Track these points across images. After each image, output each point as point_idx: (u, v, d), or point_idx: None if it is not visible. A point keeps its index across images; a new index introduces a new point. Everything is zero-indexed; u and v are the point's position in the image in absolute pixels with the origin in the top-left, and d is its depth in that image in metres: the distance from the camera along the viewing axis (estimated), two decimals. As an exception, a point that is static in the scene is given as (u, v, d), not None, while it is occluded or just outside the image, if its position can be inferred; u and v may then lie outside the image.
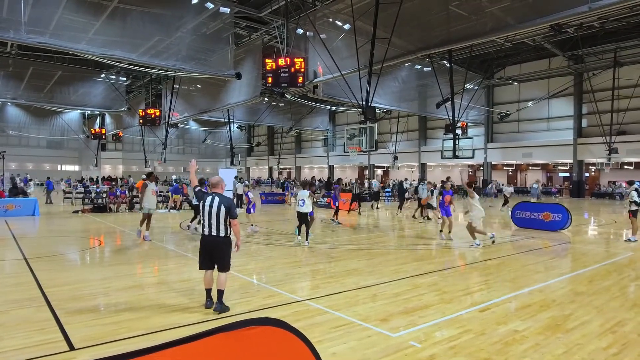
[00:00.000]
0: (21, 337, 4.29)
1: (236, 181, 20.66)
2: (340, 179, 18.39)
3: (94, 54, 16.66)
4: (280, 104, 37.08)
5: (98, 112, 40.36)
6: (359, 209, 18.97)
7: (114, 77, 29.28)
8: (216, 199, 5.23)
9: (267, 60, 17.07)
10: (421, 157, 40.95)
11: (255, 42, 22.52)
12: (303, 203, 9.71)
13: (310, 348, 2.50)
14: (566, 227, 13.05)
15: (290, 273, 7.33)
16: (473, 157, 27.23)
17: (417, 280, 6.86)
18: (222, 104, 26.40)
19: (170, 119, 29.49)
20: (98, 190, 24.45)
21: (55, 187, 26.12)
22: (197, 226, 13.18)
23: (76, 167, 53.79)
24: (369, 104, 15.78)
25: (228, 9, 16.98)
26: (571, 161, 32.17)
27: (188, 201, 19.42)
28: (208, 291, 5.34)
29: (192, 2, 16.17)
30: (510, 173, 40.03)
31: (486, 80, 31.65)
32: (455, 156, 22.87)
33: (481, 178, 38.56)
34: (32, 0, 14.24)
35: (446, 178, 13.12)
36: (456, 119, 22.97)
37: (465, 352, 4.04)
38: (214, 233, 5.19)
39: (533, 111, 33.05)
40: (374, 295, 5.98)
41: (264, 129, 57.17)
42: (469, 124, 33.53)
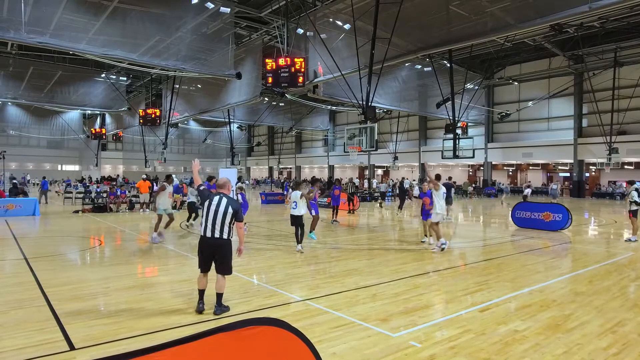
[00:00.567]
0: (21, 337, 4.29)
1: (239, 182, 20.69)
2: (338, 179, 18.34)
3: (95, 54, 16.69)
4: (280, 104, 37.11)
5: (98, 112, 40.43)
6: (353, 209, 18.95)
7: (114, 77, 29.32)
8: (224, 200, 5.04)
9: (268, 60, 17.08)
10: (421, 157, 40.95)
11: (255, 42, 22.54)
12: (296, 205, 9.27)
13: (310, 348, 2.50)
14: (566, 227, 13.04)
15: (290, 273, 7.33)
16: (473, 157, 27.25)
17: (417, 280, 6.86)
18: (223, 104, 26.43)
19: (170, 119, 29.51)
20: (98, 190, 24.47)
21: (50, 187, 26.09)
22: (193, 222, 13.17)
23: (76, 167, 53.84)
24: (369, 104, 15.78)
25: (228, 9, 16.99)
26: (571, 161, 32.17)
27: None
28: (201, 292, 5.11)
29: (193, 2, 16.19)
30: (510, 173, 40.03)
31: (486, 80, 31.64)
32: (455, 156, 22.87)
33: (481, 178, 38.58)
34: (33, 0, 14.26)
35: (422, 179, 12.81)
36: (456, 119, 22.98)
37: (465, 352, 4.03)
38: (217, 235, 4.96)
39: (533, 111, 33.04)
40: (374, 295, 5.97)
41: (264, 129, 57.19)
42: (469, 124, 33.55)
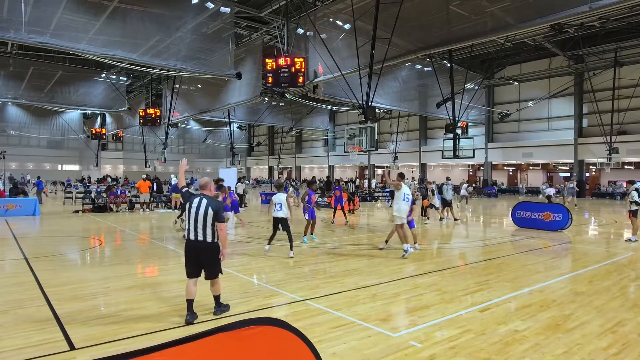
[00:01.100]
0: (21, 337, 4.29)
1: (239, 182, 20.72)
2: (338, 180, 18.28)
3: (95, 54, 16.69)
4: (280, 104, 37.10)
5: (98, 112, 40.41)
6: (354, 209, 18.94)
7: (115, 77, 29.31)
8: (204, 201, 4.84)
9: (268, 60, 17.08)
10: (421, 157, 40.95)
11: (255, 42, 22.53)
12: (280, 207, 8.89)
13: (310, 348, 2.50)
14: (566, 227, 13.04)
15: (290, 273, 7.33)
16: (473, 157, 27.25)
17: (417, 280, 6.86)
18: (223, 104, 26.42)
19: (170, 119, 29.50)
20: (98, 190, 24.47)
21: (44, 187, 26.01)
22: (178, 220, 13.04)
23: (76, 167, 53.85)
24: (369, 104, 15.78)
25: (228, 9, 16.98)
26: (572, 161, 32.15)
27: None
28: (189, 303, 4.82)
29: (193, 2, 16.18)
30: (510, 173, 40.03)
31: (486, 80, 31.64)
32: (455, 156, 22.88)
33: (481, 178, 38.58)
34: (33, 0, 14.26)
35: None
36: (456, 119, 22.97)
37: (465, 352, 4.04)
38: (200, 238, 4.79)
39: (533, 111, 33.03)
40: (374, 295, 5.97)
41: (264, 129, 57.19)
42: (470, 124, 33.54)
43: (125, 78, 30.54)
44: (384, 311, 5.24)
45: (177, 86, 27.79)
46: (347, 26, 17.28)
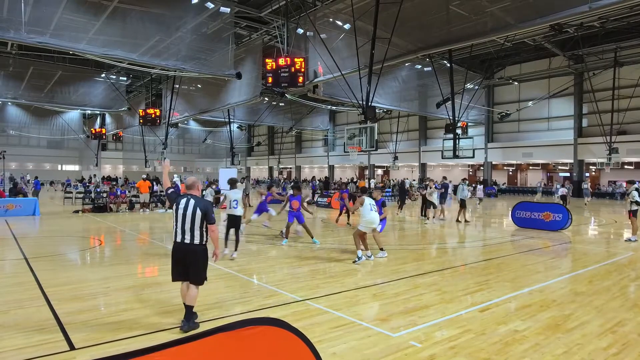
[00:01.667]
0: (21, 337, 4.29)
1: (247, 181, 20.75)
2: (345, 183, 17.89)
3: (95, 54, 16.68)
4: (280, 104, 37.09)
5: (98, 112, 40.41)
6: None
7: (114, 77, 29.30)
8: (191, 201, 4.63)
9: (268, 60, 17.07)
10: (421, 157, 40.95)
11: (255, 42, 22.53)
12: (237, 204, 8.53)
13: (310, 348, 2.50)
14: (566, 227, 13.04)
15: (290, 273, 7.33)
16: (473, 157, 27.23)
17: (417, 280, 6.86)
18: (223, 104, 26.42)
19: (170, 119, 29.50)
20: (98, 190, 24.46)
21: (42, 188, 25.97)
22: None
23: (76, 167, 53.83)
24: (369, 104, 15.78)
25: (228, 9, 16.98)
26: (571, 161, 32.16)
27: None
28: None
29: (192, 2, 16.18)
30: (510, 173, 40.03)
31: (486, 80, 31.64)
32: (455, 156, 22.87)
33: (481, 178, 38.58)
34: (33, 0, 14.25)
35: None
36: (456, 119, 22.97)
37: (465, 352, 4.04)
38: (187, 240, 4.59)
39: (533, 111, 33.03)
40: (374, 295, 5.97)
41: (264, 129, 57.18)
42: (469, 124, 33.53)
43: (125, 78, 30.53)
44: (384, 311, 5.24)
45: (177, 86, 27.79)
46: (347, 26, 17.28)
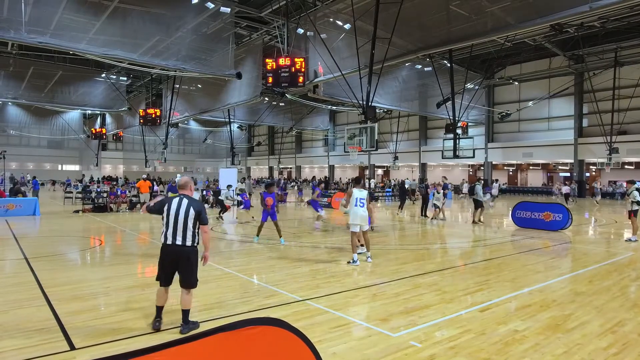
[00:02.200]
0: (21, 337, 4.29)
1: (248, 181, 20.74)
2: (349, 183, 17.44)
3: (95, 54, 16.70)
4: (280, 104, 37.11)
5: (98, 112, 40.44)
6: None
7: (115, 77, 29.32)
8: (184, 201, 4.46)
9: (268, 60, 17.08)
10: (422, 157, 40.95)
11: (255, 42, 22.54)
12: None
13: (310, 348, 2.50)
14: (566, 227, 13.04)
15: (290, 273, 7.33)
16: (474, 157, 27.25)
17: (417, 280, 6.86)
18: (223, 104, 26.44)
19: (170, 119, 29.51)
20: (98, 190, 24.45)
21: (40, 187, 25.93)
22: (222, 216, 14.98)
23: (77, 167, 53.84)
24: (370, 104, 15.78)
25: (228, 9, 16.99)
26: (572, 161, 32.16)
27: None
28: (159, 309, 4.56)
29: (193, 2, 16.19)
30: (510, 173, 40.03)
31: (487, 80, 31.64)
32: (455, 156, 22.87)
33: (482, 178, 38.59)
34: (33, 0, 14.26)
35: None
36: (457, 119, 22.97)
37: (465, 352, 4.03)
38: (179, 242, 4.42)
39: (533, 111, 33.03)
40: (374, 295, 5.97)
41: (265, 129, 57.19)
42: (470, 124, 33.55)
43: (125, 78, 30.55)
44: (384, 311, 5.24)
45: (177, 86, 27.81)
46: (347, 26, 17.28)
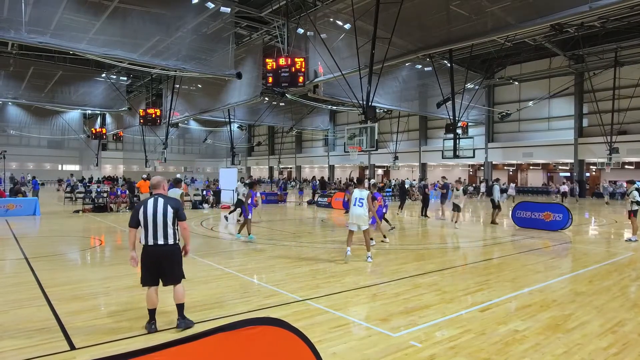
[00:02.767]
0: (21, 337, 4.29)
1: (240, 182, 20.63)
2: (376, 184, 16.41)
3: (95, 54, 16.69)
4: (280, 104, 37.10)
5: (99, 112, 40.43)
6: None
7: (115, 77, 29.31)
8: (160, 200, 4.46)
9: (268, 60, 17.07)
10: (422, 157, 40.95)
11: (255, 42, 22.53)
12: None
13: (310, 348, 2.50)
14: (567, 227, 13.04)
15: (290, 273, 7.33)
16: (474, 157, 27.24)
17: (417, 280, 6.86)
18: (223, 104, 26.43)
19: (170, 119, 29.51)
20: (99, 189, 24.47)
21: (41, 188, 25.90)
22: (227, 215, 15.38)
23: (77, 167, 53.86)
24: (370, 104, 15.77)
25: (228, 9, 16.98)
26: (572, 161, 32.16)
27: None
28: (152, 312, 4.53)
29: (193, 2, 16.18)
30: (510, 173, 40.02)
31: (487, 79, 31.63)
32: (455, 156, 22.86)
33: (482, 178, 38.58)
34: (33, 0, 14.25)
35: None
36: (457, 119, 22.96)
37: (465, 352, 4.03)
38: (161, 242, 4.41)
39: (534, 111, 33.03)
40: (374, 295, 5.97)
41: (265, 129, 57.20)
42: (470, 124, 33.54)
43: (125, 78, 30.54)
44: (384, 311, 5.24)
45: (177, 86, 27.80)
46: (347, 26, 17.28)
